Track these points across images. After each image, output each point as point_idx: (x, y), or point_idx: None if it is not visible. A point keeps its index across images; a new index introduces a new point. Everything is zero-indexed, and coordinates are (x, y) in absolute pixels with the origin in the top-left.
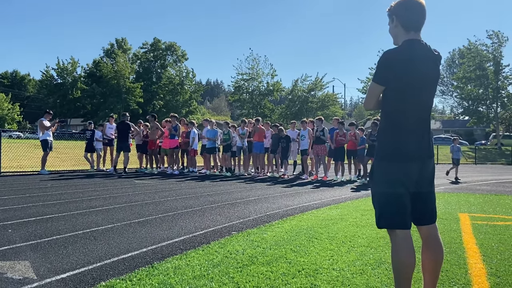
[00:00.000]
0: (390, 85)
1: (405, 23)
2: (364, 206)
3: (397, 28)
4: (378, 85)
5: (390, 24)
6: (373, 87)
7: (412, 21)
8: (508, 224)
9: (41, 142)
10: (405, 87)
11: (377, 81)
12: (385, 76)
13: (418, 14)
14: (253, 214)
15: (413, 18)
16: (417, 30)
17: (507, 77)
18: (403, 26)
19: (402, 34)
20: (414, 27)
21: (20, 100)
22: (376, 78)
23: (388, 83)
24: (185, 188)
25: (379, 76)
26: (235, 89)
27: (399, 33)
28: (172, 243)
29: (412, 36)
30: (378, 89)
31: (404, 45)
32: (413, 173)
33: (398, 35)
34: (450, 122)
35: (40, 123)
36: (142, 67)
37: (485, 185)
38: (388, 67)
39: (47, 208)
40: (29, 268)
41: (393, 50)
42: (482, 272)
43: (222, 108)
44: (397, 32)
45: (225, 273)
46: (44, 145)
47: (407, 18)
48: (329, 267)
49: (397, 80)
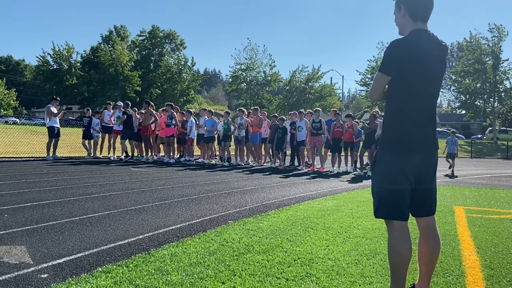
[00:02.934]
0: (396, 76)
1: (413, 12)
2: (359, 197)
3: (404, 17)
4: (385, 75)
5: (397, 14)
6: (379, 77)
7: (420, 10)
8: (502, 217)
9: (48, 129)
10: (411, 78)
11: (384, 71)
12: (392, 66)
13: (427, 3)
14: (249, 203)
15: (421, 7)
16: (424, 20)
17: (505, 72)
18: (411, 16)
19: (409, 24)
20: (421, 16)
21: (16, 85)
22: (382, 68)
23: (395, 73)
24: (182, 177)
25: (386, 66)
26: (233, 79)
27: (406, 23)
28: (169, 231)
29: (420, 26)
30: (384, 79)
31: (411, 35)
32: (417, 164)
33: (405, 24)
34: (447, 116)
35: (48, 109)
36: (140, 54)
37: (481, 178)
38: (395, 57)
39: (43, 194)
40: (25, 253)
41: (400, 40)
42: (476, 264)
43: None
44: (404, 21)
45: (221, 261)
46: (50, 132)
47: (415, 7)
48: (325, 257)
49: (403, 71)
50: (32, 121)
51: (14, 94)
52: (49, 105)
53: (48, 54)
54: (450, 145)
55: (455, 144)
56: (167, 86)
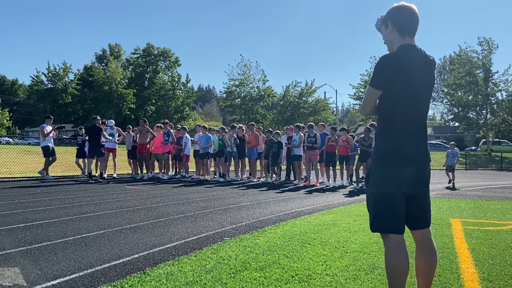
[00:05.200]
0: (386, 90)
1: (400, 27)
2: (356, 211)
3: (392, 33)
4: (375, 90)
5: (384, 31)
6: (370, 92)
7: (407, 25)
8: (499, 229)
9: (42, 149)
10: (401, 91)
11: (374, 86)
12: (382, 81)
13: (412, 19)
14: (245, 219)
15: (408, 23)
16: (411, 35)
17: (497, 84)
18: (398, 31)
19: (398, 39)
20: (409, 32)
21: (9, 105)
22: (373, 83)
23: (384, 88)
24: (177, 194)
25: (376, 81)
26: (227, 94)
27: (395, 39)
28: (164, 249)
29: (407, 41)
30: (375, 94)
31: (400, 50)
32: (409, 177)
33: (394, 40)
34: (441, 128)
35: (41, 129)
36: (135, 72)
37: (476, 190)
38: (384, 72)
39: (37, 214)
40: (19, 274)
41: (389, 55)
42: (475, 276)
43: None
44: (393, 37)
45: (218, 279)
46: (45, 152)
47: (402, 22)
48: (322, 273)
49: (393, 85)
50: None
51: (8, 114)
52: (43, 125)
53: (43, 73)
54: (450, 157)
55: (455, 156)
56: (161, 103)
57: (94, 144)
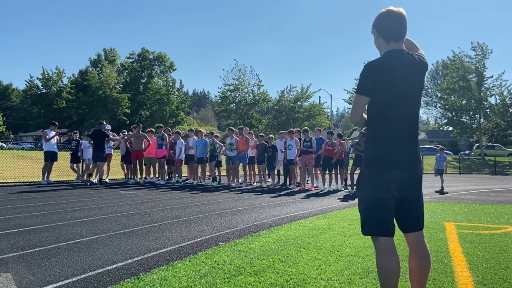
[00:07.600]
0: (372, 95)
1: (384, 33)
2: (351, 215)
3: (378, 40)
4: (362, 96)
5: (374, 38)
6: (357, 99)
7: (390, 31)
8: (493, 232)
9: (44, 153)
10: (387, 96)
11: (360, 93)
12: (367, 87)
13: (396, 24)
14: (240, 224)
15: (391, 29)
16: (397, 40)
17: (490, 89)
18: (383, 37)
19: (384, 45)
20: (393, 37)
21: (2, 110)
22: (359, 90)
23: (370, 93)
24: (171, 199)
25: (362, 88)
26: (222, 99)
27: (381, 45)
28: (158, 254)
29: (393, 46)
30: (362, 101)
31: (384, 55)
32: (399, 180)
33: (381, 46)
34: (435, 133)
35: (44, 134)
36: (130, 77)
37: (470, 194)
38: (369, 78)
39: (30, 219)
40: (11, 280)
41: (373, 61)
42: (469, 280)
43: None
44: (379, 44)
45: (212, 284)
46: (46, 156)
47: (385, 29)
48: (317, 277)
49: (379, 90)
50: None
51: (1, 119)
52: (46, 130)
53: (37, 78)
54: (438, 161)
55: (443, 161)
56: (156, 107)
57: (99, 149)
